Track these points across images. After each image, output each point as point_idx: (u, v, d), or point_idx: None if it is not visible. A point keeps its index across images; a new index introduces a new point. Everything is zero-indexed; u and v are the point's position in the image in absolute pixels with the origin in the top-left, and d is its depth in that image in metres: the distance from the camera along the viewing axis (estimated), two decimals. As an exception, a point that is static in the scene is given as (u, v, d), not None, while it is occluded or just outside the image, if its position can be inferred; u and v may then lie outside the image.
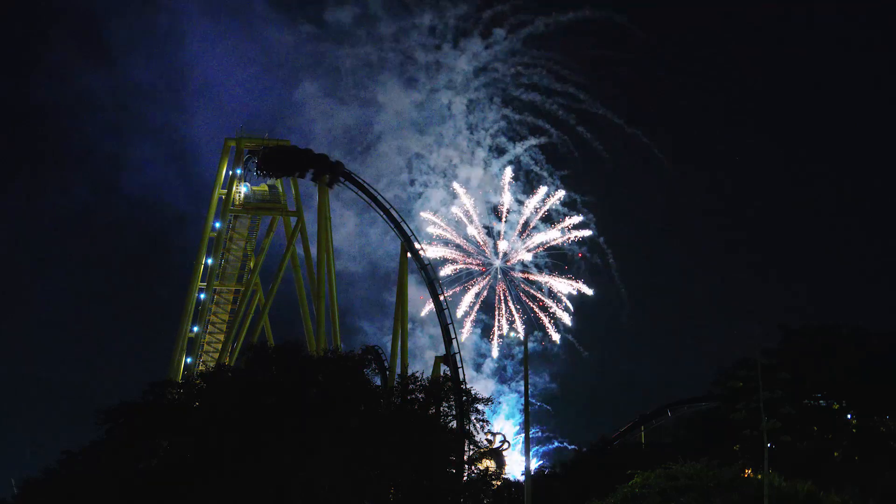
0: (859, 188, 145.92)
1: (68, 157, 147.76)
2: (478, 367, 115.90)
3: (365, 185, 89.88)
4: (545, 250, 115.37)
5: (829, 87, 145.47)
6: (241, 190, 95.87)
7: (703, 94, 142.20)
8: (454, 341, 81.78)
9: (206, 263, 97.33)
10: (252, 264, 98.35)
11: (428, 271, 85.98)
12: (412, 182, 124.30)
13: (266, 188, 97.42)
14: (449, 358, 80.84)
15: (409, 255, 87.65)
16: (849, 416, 62.38)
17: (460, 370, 79.91)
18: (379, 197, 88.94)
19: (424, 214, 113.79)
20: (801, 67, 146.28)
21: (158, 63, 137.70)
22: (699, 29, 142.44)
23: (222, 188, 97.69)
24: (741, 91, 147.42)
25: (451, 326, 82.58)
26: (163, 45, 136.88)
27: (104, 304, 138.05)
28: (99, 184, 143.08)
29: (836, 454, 61.53)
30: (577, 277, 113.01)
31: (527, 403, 53.08)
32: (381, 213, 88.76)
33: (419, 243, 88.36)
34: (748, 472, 53.19)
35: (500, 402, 69.31)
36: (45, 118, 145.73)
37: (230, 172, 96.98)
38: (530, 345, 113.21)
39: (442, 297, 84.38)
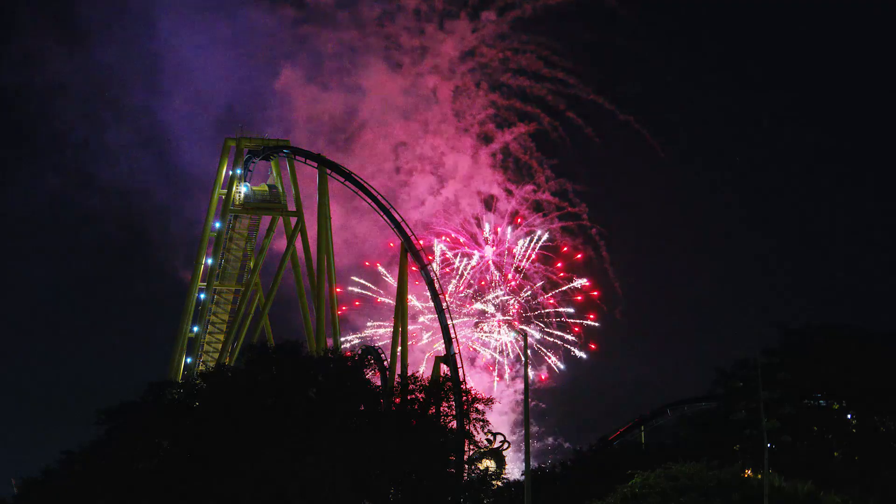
0: (860, 187, 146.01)
1: (39, 145, 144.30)
2: (472, 361, 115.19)
3: (364, 183, 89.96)
4: (537, 242, 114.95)
5: (830, 82, 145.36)
6: (241, 190, 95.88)
7: (700, 84, 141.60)
8: (454, 341, 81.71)
9: (206, 263, 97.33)
10: (252, 264, 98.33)
11: (428, 272, 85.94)
12: (398, 170, 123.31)
13: (266, 188, 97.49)
14: (449, 358, 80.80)
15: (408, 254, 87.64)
16: (849, 416, 62.33)
17: (460, 370, 79.88)
18: (379, 197, 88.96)
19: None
20: (802, 58, 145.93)
21: (132, 45, 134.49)
22: (692, 12, 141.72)
23: (222, 188, 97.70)
24: (739, 81, 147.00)
25: (451, 326, 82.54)
26: (136, 27, 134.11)
27: (97, 302, 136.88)
28: (72, 172, 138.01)
29: (836, 454, 61.49)
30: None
31: (526, 402, 53.06)
32: (381, 213, 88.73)
33: (419, 243, 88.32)
34: (748, 472, 53.13)
35: (491, 397, 69.88)
36: (15, 104, 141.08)
37: (230, 172, 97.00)
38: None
39: (442, 297, 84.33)
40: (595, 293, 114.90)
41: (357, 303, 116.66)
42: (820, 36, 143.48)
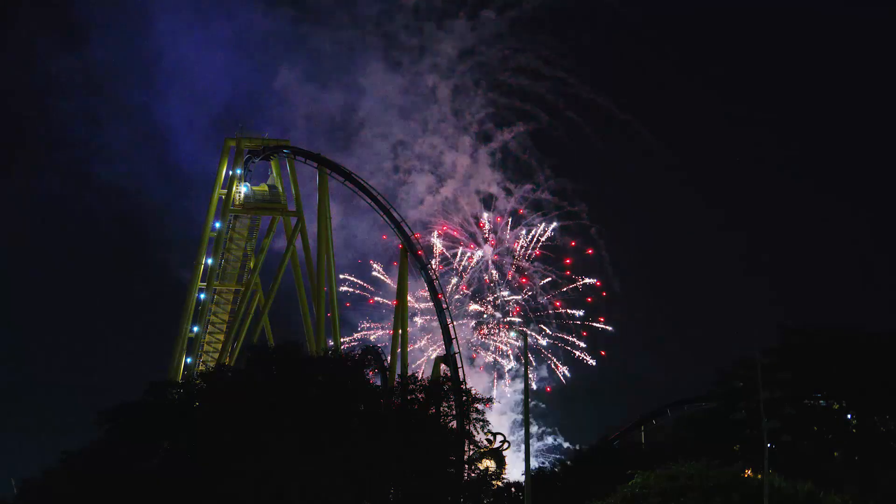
0: (860, 187, 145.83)
1: (37, 144, 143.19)
2: (471, 360, 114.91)
3: (365, 183, 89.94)
4: (535, 241, 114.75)
5: (830, 81, 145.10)
6: (241, 190, 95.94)
7: (700, 83, 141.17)
8: (454, 341, 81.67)
9: (206, 263, 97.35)
10: (252, 264, 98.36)
11: (428, 271, 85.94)
12: (396, 169, 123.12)
13: (266, 188, 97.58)
14: (449, 358, 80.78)
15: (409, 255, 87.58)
16: (849, 416, 62.30)
17: (460, 370, 79.86)
18: (379, 197, 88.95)
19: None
20: (802, 59, 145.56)
21: (130, 44, 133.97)
22: (693, 10, 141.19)
23: (222, 188, 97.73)
24: (741, 80, 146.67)
25: (451, 326, 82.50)
26: (134, 26, 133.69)
27: (95, 302, 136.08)
28: (70, 172, 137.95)
29: (836, 454, 61.48)
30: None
31: (526, 402, 53.07)
32: (381, 213, 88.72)
33: (419, 243, 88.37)
34: (748, 472, 53.11)
35: (491, 397, 69.83)
36: (11, 103, 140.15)
37: (230, 172, 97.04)
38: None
39: (442, 297, 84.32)
40: (603, 294, 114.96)
41: (347, 304, 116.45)
42: (822, 35, 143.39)
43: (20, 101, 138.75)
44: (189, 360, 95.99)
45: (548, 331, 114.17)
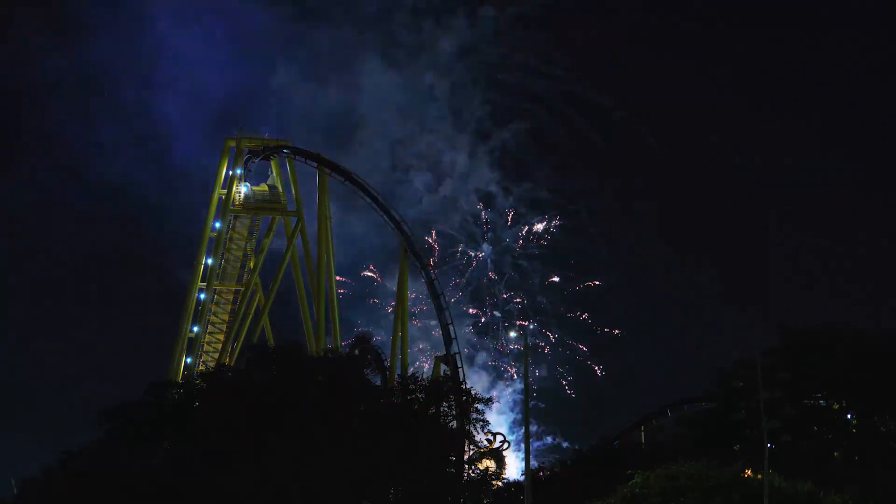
0: (860, 187, 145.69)
1: (33, 143, 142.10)
2: (471, 360, 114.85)
3: (364, 183, 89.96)
4: (535, 239, 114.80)
5: (830, 81, 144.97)
6: (241, 190, 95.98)
7: (699, 81, 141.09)
8: (454, 341, 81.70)
9: (206, 263, 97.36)
10: (252, 264, 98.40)
11: (428, 271, 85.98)
12: (394, 167, 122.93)
13: (266, 188, 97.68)
14: (449, 358, 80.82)
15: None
16: (849, 416, 62.30)
17: (460, 370, 79.89)
18: (378, 196, 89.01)
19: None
20: (802, 59, 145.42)
21: (127, 42, 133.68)
22: (692, 8, 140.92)
23: (222, 188, 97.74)
24: (739, 79, 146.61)
25: (450, 326, 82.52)
26: (131, 23, 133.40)
27: (94, 301, 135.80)
28: (67, 170, 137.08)
29: (836, 454, 61.48)
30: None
31: (526, 401, 53.04)
32: (381, 213, 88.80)
33: (418, 242, 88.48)
34: (748, 472, 53.09)
35: (491, 396, 69.70)
36: (6, 101, 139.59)
37: (230, 172, 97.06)
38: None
39: (441, 297, 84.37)
40: (607, 297, 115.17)
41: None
42: (821, 34, 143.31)
43: (16, 99, 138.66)
44: (189, 360, 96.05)
45: (547, 331, 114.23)
